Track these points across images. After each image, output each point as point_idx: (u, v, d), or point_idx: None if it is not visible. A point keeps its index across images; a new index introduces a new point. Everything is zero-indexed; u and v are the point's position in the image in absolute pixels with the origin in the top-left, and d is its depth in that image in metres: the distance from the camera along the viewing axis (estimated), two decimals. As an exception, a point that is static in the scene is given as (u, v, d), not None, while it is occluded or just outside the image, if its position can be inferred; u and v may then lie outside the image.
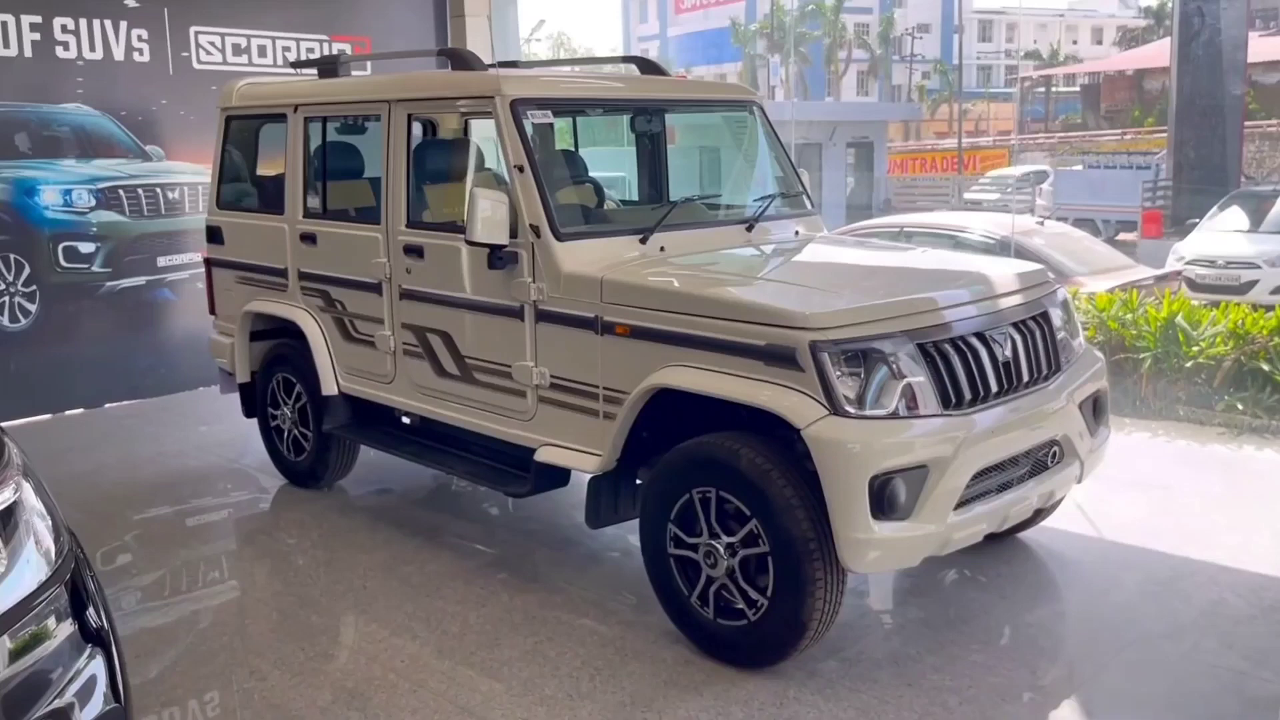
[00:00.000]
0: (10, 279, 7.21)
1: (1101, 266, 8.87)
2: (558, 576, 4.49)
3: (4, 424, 7.08)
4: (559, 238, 4.13)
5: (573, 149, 5.66)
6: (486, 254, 4.21)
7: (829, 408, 3.37)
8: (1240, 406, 6.23)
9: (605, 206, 4.85)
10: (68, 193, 7.42)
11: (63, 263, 7.42)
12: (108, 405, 7.67)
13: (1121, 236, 22.83)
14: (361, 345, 5.12)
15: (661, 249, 4.31)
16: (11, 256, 7.20)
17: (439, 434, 4.92)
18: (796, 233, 4.91)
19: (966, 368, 3.64)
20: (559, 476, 4.30)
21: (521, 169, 4.18)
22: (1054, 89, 52.11)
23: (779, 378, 3.46)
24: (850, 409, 3.38)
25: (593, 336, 4.02)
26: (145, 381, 7.79)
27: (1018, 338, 3.86)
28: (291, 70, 6.61)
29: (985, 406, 3.66)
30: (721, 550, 3.60)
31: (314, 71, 5.58)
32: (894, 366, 3.46)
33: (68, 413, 7.51)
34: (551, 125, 5.63)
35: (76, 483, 5.94)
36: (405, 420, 5.13)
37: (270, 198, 5.58)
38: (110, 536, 5.15)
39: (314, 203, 5.33)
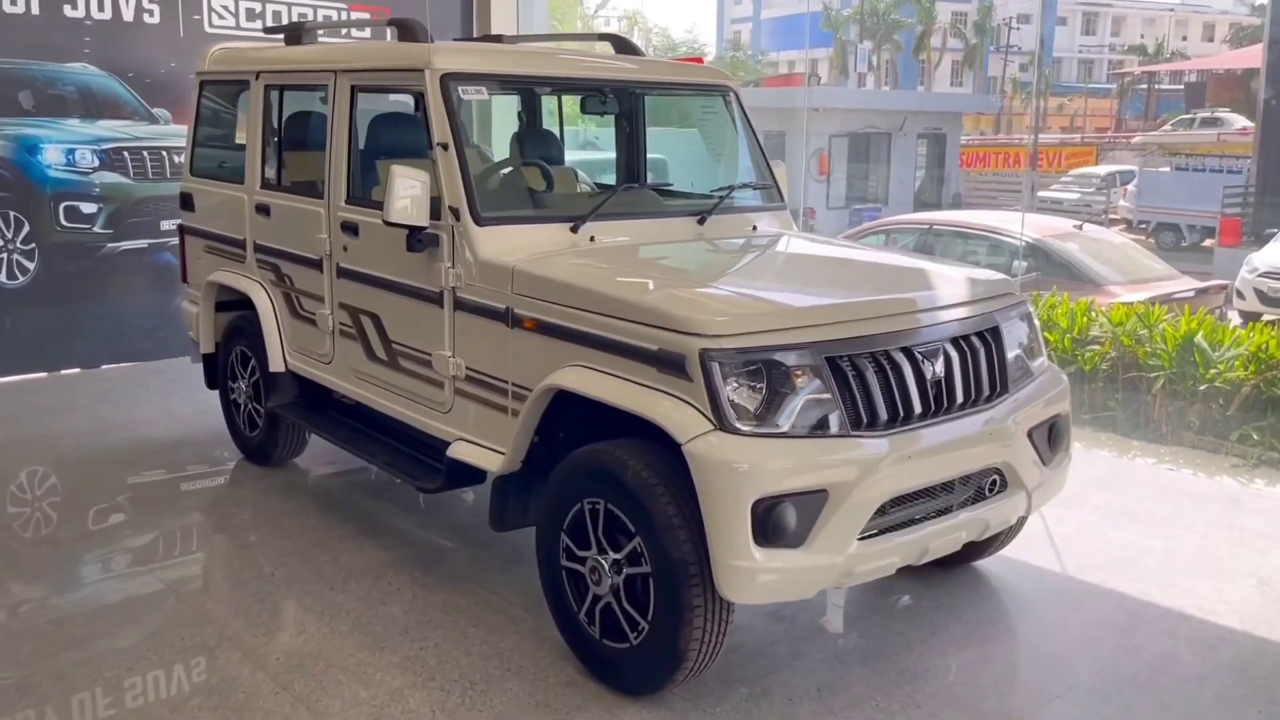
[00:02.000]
0: (9, 236, 7.24)
1: (1140, 276, 8.37)
2: (473, 577, 4.29)
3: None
4: (479, 222, 3.90)
5: (546, 128, 5.44)
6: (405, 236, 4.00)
7: (715, 422, 3.09)
8: (1256, 436, 5.76)
9: (549, 191, 4.59)
10: (71, 152, 7.42)
11: (63, 222, 7.43)
12: (105, 366, 7.69)
13: (1208, 243, 21.89)
14: (306, 323, 4.97)
15: (592, 239, 4.06)
16: (11, 214, 7.24)
17: (373, 420, 4.75)
18: (754, 228, 4.61)
19: (885, 385, 3.32)
20: (472, 474, 4.09)
21: (445, 147, 3.96)
22: (1157, 86, 50.28)
23: (670, 386, 3.20)
24: (741, 425, 3.10)
25: (504, 329, 3.80)
26: (144, 345, 7.78)
27: (955, 354, 3.53)
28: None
29: (905, 429, 3.34)
30: (606, 567, 3.36)
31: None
32: (795, 381, 3.17)
33: (64, 372, 7.54)
34: (539, 107, 5.49)
35: (36, 442, 5.93)
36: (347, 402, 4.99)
37: (235, 167, 5.46)
38: (42, 500, 5.09)
39: (271, 174, 5.19)
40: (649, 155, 5.42)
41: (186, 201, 5.85)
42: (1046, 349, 4.28)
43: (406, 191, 3.84)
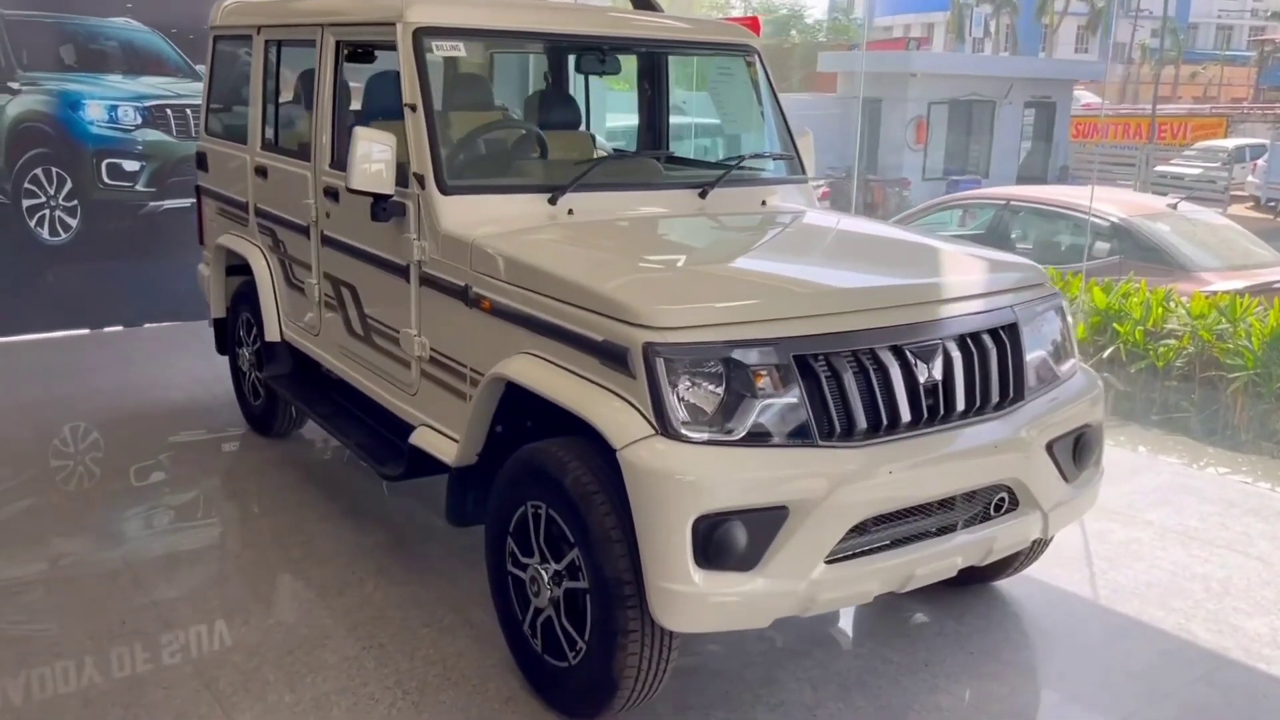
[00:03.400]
0: (51, 192, 7.22)
1: (1239, 262, 7.62)
2: (443, 570, 4.02)
3: (40, 335, 7.26)
4: (444, 191, 3.58)
5: (563, 89, 5.09)
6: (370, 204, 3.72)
7: (656, 427, 2.73)
8: (1347, 450, 5.13)
9: (540, 158, 4.23)
10: (113, 109, 7.35)
11: (106, 180, 7.38)
12: (146, 325, 7.66)
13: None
14: (298, 292, 4.75)
15: (570, 212, 3.71)
16: (54, 170, 7.21)
17: (361, 399, 4.50)
18: (764, 203, 4.20)
19: (866, 389, 2.91)
20: (437, 463, 3.80)
21: (414, 108, 3.65)
22: (1301, 54, 47.28)
23: (613, 382, 2.84)
24: (687, 431, 2.73)
25: (464, 309, 3.49)
26: (185, 305, 7.69)
27: (958, 354, 3.09)
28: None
29: (887, 439, 2.92)
30: (546, 578, 3.04)
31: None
32: (755, 382, 2.78)
33: (106, 330, 7.53)
34: (565, 66, 5.13)
35: (52, 404, 5.87)
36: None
37: (242, 127, 5.25)
38: (30, 465, 5.00)
39: (270, 134, 4.96)
40: (704, 121, 5.05)
41: (201, 161, 5.69)
42: (1118, 343, 3.78)
43: (369, 156, 3.55)
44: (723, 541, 2.69)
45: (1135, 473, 5.21)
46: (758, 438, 2.78)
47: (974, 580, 3.90)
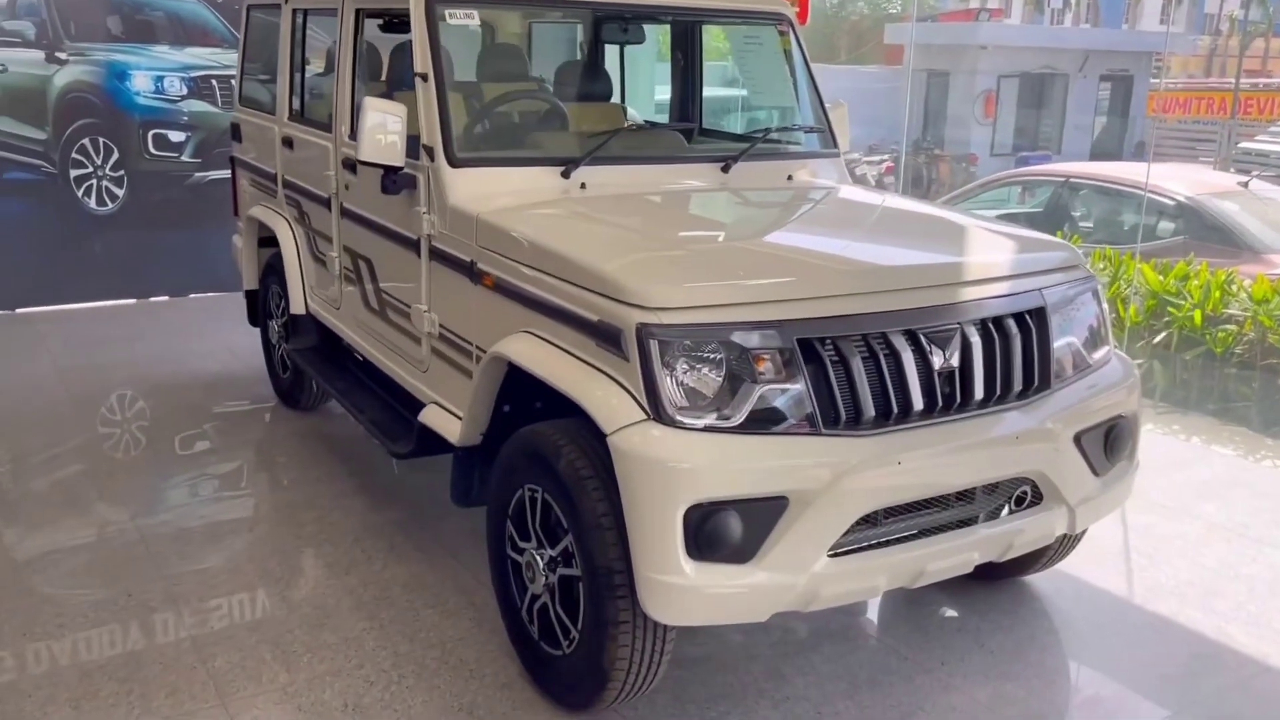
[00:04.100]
0: (99, 162, 7.29)
1: (1313, 244, 7.24)
2: (453, 548, 3.96)
3: (87, 304, 7.35)
4: (453, 163, 3.49)
5: (593, 60, 4.96)
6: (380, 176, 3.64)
7: (649, 411, 2.62)
8: None
9: (561, 130, 4.11)
10: (160, 79, 7.39)
11: (152, 150, 7.43)
12: (192, 295, 7.72)
13: None
14: (321, 265, 4.71)
15: (583, 186, 3.59)
16: (101, 140, 7.27)
17: (378, 375, 4.44)
18: (790, 177, 4.04)
19: (876, 375, 2.76)
20: (446, 441, 3.73)
21: (425, 78, 3.56)
22: (1404, 25, 45.23)
23: (608, 364, 2.74)
24: (681, 416, 2.61)
25: (469, 285, 3.40)
26: (229, 276, 7.72)
27: (977, 340, 2.92)
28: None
29: (897, 428, 2.77)
30: (541, 564, 2.96)
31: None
32: (756, 367, 2.65)
33: (153, 299, 7.61)
34: (601, 37, 5.00)
35: (92, 372, 5.93)
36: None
37: (272, 97, 5.22)
38: (54, 436, 5.04)
39: (296, 105, 4.92)
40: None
41: (236, 132, 5.68)
42: (1172, 327, 3.55)
43: (378, 127, 3.47)
44: (716, 532, 2.57)
45: (1185, 464, 4.97)
46: (757, 424, 2.65)
47: (1001, 575, 3.74)
